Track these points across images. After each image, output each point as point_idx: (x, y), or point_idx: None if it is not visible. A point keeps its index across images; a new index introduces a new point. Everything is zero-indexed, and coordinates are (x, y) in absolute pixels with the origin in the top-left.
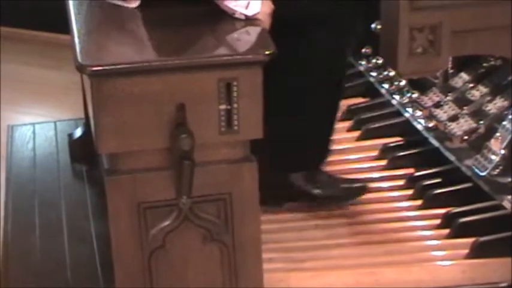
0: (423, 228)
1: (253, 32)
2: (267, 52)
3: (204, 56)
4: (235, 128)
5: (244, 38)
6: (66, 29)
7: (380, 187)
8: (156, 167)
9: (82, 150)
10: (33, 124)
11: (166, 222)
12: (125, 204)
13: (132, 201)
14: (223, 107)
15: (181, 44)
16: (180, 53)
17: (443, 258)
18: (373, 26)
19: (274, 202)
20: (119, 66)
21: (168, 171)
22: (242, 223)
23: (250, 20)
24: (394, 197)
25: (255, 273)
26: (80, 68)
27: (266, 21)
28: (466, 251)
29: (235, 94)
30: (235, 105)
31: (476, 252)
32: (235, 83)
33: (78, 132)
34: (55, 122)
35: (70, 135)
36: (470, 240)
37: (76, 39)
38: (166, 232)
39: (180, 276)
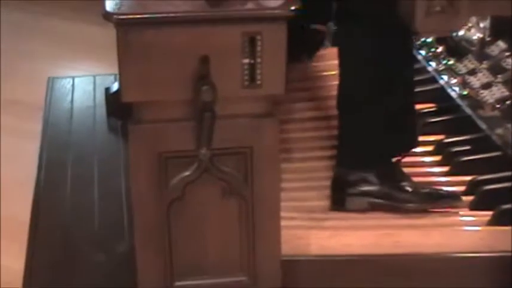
0: None
1: None
2: (291, 8)
3: (228, 9)
4: (258, 82)
5: None
6: None
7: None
8: (178, 118)
9: (118, 104)
10: (72, 77)
11: (187, 173)
12: (147, 154)
13: (154, 151)
14: (246, 61)
15: None
16: (205, 6)
17: (463, 224)
18: None
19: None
20: (144, 16)
21: (190, 122)
22: (261, 178)
23: None
24: (421, 162)
25: (273, 228)
26: (106, 16)
27: None
28: (488, 218)
29: (259, 48)
30: (258, 60)
31: (497, 220)
32: (259, 37)
33: (115, 87)
34: (94, 76)
35: (107, 89)
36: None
37: None
38: (186, 183)
39: (197, 228)
